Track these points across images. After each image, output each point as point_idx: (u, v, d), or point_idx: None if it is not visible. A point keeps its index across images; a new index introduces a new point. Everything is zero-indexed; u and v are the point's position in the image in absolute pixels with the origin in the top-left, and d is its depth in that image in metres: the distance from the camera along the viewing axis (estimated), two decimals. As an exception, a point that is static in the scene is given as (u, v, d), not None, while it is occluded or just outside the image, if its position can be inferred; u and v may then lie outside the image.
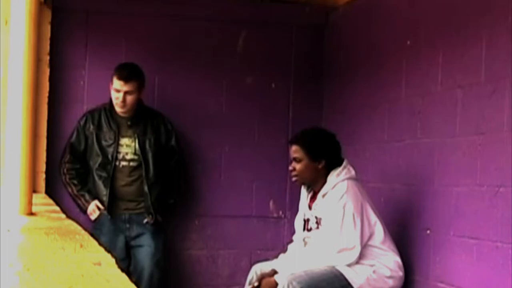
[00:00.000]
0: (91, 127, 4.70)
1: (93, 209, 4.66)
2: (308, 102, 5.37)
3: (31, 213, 3.17)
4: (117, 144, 4.65)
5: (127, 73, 4.59)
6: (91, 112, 4.77)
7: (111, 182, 4.64)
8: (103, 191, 4.65)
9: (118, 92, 4.57)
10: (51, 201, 4.47)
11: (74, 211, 4.64)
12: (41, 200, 4.31)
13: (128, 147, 4.67)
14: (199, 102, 5.19)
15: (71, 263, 1.87)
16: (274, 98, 5.33)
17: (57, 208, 4.11)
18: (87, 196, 4.69)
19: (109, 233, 4.63)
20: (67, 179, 4.74)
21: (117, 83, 4.57)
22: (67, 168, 4.75)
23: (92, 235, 4.24)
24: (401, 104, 4.33)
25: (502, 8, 3.46)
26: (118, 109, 4.63)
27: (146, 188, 4.65)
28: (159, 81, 5.11)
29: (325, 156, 3.98)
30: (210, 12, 5.20)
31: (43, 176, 4.86)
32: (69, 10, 4.99)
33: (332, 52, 5.31)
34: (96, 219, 4.66)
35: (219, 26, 5.25)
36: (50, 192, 4.84)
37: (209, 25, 5.23)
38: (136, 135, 4.67)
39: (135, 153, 4.67)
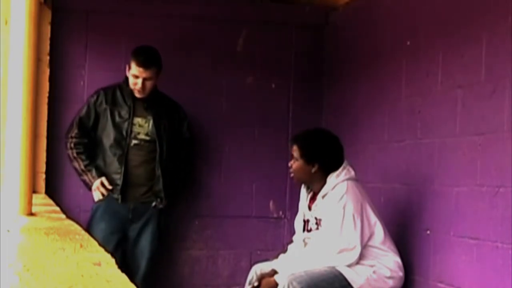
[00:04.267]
0: (104, 103, 4.64)
1: (98, 186, 4.55)
2: (308, 102, 5.37)
3: (31, 214, 3.17)
4: (131, 121, 4.61)
5: (147, 59, 4.53)
6: (104, 89, 4.70)
7: (124, 161, 4.57)
8: (118, 169, 4.57)
9: (137, 78, 4.52)
10: (51, 202, 4.47)
11: (74, 211, 4.64)
12: (41, 200, 4.31)
13: (140, 127, 4.63)
14: (199, 102, 5.19)
15: (71, 263, 1.87)
16: (274, 98, 5.33)
17: (57, 209, 4.12)
18: (94, 172, 4.60)
19: (111, 220, 4.55)
20: (75, 154, 4.65)
21: (135, 69, 4.51)
22: (74, 143, 4.65)
23: (92, 217, 4.26)
24: (401, 104, 4.33)
25: (502, 8, 3.46)
26: (136, 94, 4.59)
27: (159, 171, 4.61)
28: (159, 81, 5.09)
29: (318, 160, 3.99)
30: (210, 12, 5.21)
31: (43, 176, 4.86)
32: (69, 10, 4.99)
33: (332, 52, 5.31)
34: (99, 202, 4.58)
35: (219, 26, 5.25)
36: (50, 192, 4.84)
37: (209, 25, 5.23)
38: (151, 117, 4.63)
39: (147, 134, 4.63)
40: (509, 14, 3.41)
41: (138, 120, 4.63)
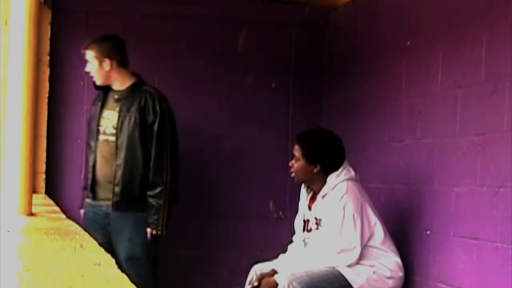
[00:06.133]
0: (95, 102, 4.54)
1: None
2: (308, 102, 5.37)
3: (31, 214, 3.17)
4: (99, 117, 4.39)
5: (87, 42, 4.43)
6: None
7: (94, 159, 4.37)
8: (89, 168, 4.40)
9: None
10: (51, 202, 4.47)
11: (74, 211, 4.63)
12: (41, 200, 4.31)
13: (108, 120, 4.37)
14: (199, 102, 5.19)
15: (71, 263, 1.87)
16: (274, 98, 5.33)
17: (57, 209, 4.12)
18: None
19: (90, 227, 4.23)
20: None
21: None
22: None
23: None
24: (401, 104, 4.33)
25: (502, 8, 3.46)
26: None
27: (114, 167, 4.29)
28: (159, 81, 5.10)
29: (321, 161, 3.99)
30: (210, 12, 5.20)
31: (43, 176, 4.86)
32: (69, 10, 4.99)
33: (332, 52, 5.31)
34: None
35: (219, 26, 5.25)
36: (50, 192, 4.84)
37: (209, 25, 5.23)
38: (119, 109, 4.32)
39: (113, 127, 4.32)
40: (509, 14, 3.41)
41: (108, 113, 4.39)
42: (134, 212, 4.32)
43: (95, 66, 4.38)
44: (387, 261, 3.93)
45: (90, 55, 4.40)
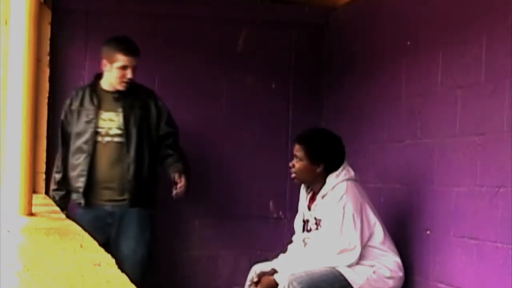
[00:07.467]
0: (74, 105, 4.44)
1: None
2: (308, 102, 5.38)
3: (31, 214, 3.16)
4: (97, 119, 4.35)
5: (134, 47, 4.35)
6: (76, 90, 4.53)
7: (91, 162, 4.33)
8: (82, 171, 4.33)
9: (126, 69, 4.29)
10: (51, 202, 4.46)
11: (74, 211, 4.63)
12: (41, 200, 4.30)
13: (111, 121, 4.36)
14: (199, 102, 5.19)
15: (71, 263, 1.87)
16: (274, 98, 5.33)
17: (57, 209, 4.11)
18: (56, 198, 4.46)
19: (90, 229, 4.30)
20: (53, 171, 4.54)
21: (125, 60, 4.29)
22: (56, 160, 4.52)
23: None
24: (401, 104, 4.33)
25: (502, 8, 3.46)
26: (121, 87, 4.32)
27: (126, 166, 4.32)
28: (159, 81, 5.11)
29: (324, 160, 3.98)
30: (210, 11, 5.21)
31: (43, 176, 4.86)
32: (69, 10, 4.99)
33: (332, 52, 5.31)
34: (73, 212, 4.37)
35: (219, 26, 5.25)
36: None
37: (209, 25, 5.23)
38: (121, 109, 4.34)
39: (119, 128, 4.34)
40: (509, 14, 3.41)
41: (108, 115, 4.37)
42: (141, 209, 4.41)
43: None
44: (387, 261, 3.93)
45: (137, 60, 4.35)
